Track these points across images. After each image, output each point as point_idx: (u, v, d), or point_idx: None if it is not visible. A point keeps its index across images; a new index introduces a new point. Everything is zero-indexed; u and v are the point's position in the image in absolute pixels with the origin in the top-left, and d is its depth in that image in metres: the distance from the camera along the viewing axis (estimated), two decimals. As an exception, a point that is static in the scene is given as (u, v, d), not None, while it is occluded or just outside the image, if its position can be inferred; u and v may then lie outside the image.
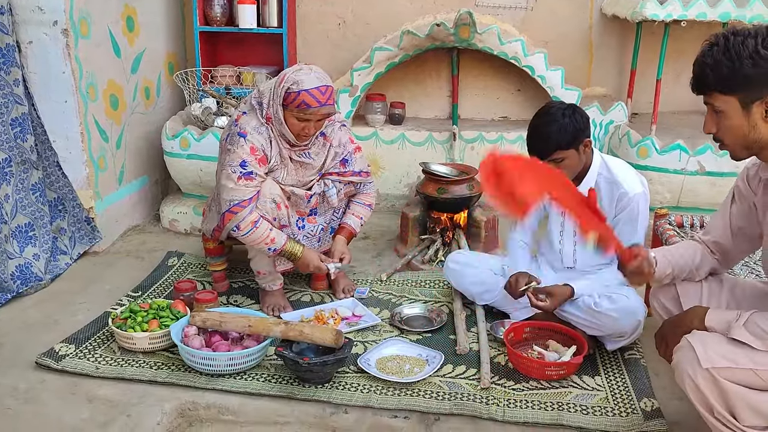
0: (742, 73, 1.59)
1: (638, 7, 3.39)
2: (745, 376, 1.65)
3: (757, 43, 1.57)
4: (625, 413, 2.20)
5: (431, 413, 2.23)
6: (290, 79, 2.56)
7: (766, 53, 1.56)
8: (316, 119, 2.60)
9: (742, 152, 1.72)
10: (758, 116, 1.63)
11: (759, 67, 1.57)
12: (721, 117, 1.68)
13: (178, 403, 2.29)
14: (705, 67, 1.66)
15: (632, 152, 3.53)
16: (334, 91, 2.63)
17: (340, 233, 2.93)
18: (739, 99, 1.63)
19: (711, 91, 1.67)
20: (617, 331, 2.43)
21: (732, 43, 1.60)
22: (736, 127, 1.67)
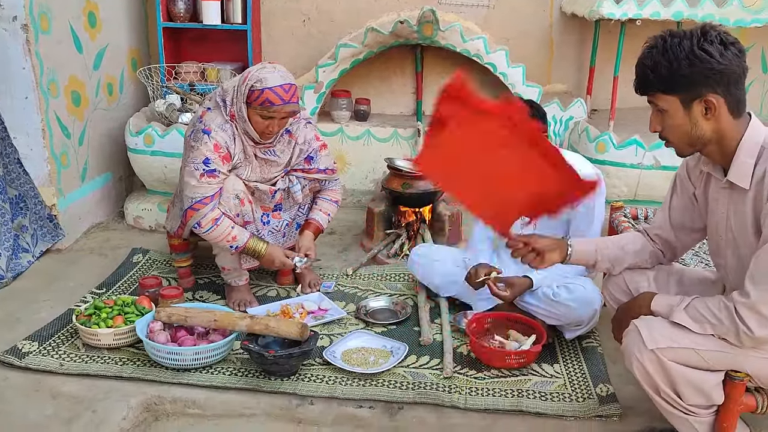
0: (680, 74, 1.66)
1: (595, 6, 3.49)
2: (687, 356, 1.74)
3: (692, 44, 1.64)
4: (582, 399, 2.28)
5: (395, 402, 2.28)
6: (254, 77, 2.58)
7: (701, 54, 1.63)
8: (280, 117, 2.63)
9: (687, 149, 1.80)
10: (698, 114, 1.70)
11: (695, 67, 1.64)
12: (664, 116, 1.76)
13: (144, 398, 2.30)
14: (646, 69, 1.73)
15: (591, 147, 3.63)
16: (297, 90, 2.66)
17: (307, 229, 2.96)
18: (679, 98, 1.70)
19: (653, 92, 1.75)
20: (574, 320, 2.52)
21: (669, 44, 1.67)
22: (679, 126, 1.74)
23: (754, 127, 1.72)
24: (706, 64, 1.63)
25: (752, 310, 1.65)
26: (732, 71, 1.65)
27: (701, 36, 1.65)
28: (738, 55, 1.65)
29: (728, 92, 1.67)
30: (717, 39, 1.64)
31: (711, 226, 1.92)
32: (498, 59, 3.85)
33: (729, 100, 1.68)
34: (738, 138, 1.72)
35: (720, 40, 1.64)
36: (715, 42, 1.63)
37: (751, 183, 1.71)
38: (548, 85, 4.30)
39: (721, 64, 1.63)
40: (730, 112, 1.69)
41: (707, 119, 1.70)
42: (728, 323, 1.69)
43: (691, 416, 1.82)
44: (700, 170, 1.91)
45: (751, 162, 1.71)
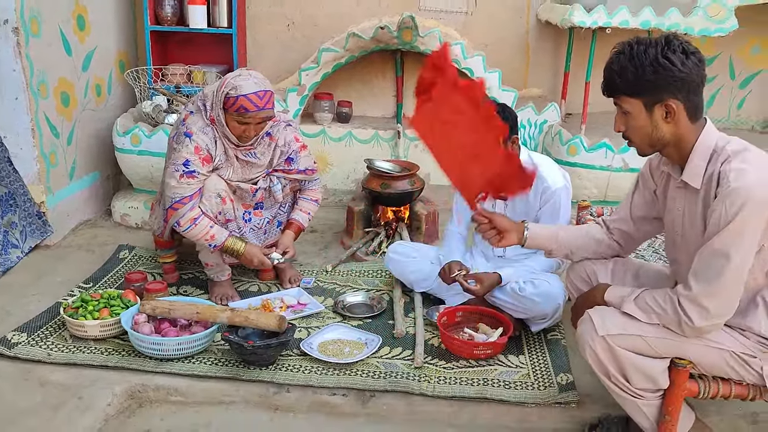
0: (644, 79, 1.79)
1: (567, 15, 3.64)
2: (635, 343, 1.87)
3: (657, 52, 1.77)
4: (543, 387, 2.42)
5: (367, 390, 2.41)
6: (229, 84, 2.69)
7: (664, 61, 1.76)
8: (255, 122, 2.73)
9: (647, 149, 1.93)
10: (659, 117, 1.83)
11: (658, 73, 1.77)
12: (628, 117, 1.88)
13: (128, 386, 2.41)
14: (613, 73, 1.85)
15: (563, 150, 3.78)
16: (273, 96, 2.75)
17: (289, 228, 3.07)
18: (642, 102, 1.83)
19: (619, 94, 1.87)
20: (539, 314, 2.65)
21: (636, 51, 1.79)
22: (641, 127, 1.87)
23: (708, 132, 1.85)
24: (668, 71, 1.75)
25: (694, 302, 1.79)
26: (692, 79, 1.77)
27: (665, 45, 1.77)
28: (698, 65, 1.78)
29: (687, 98, 1.80)
30: (680, 48, 1.77)
31: (668, 224, 2.05)
32: (475, 64, 3.99)
33: (688, 105, 1.80)
34: (693, 141, 1.84)
35: (682, 49, 1.77)
36: (677, 51, 1.76)
37: (702, 183, 1.84)
38: (525, 90, 4.44)
39: (682, 72, 1.75)
40: (688, 116, 1.82)
41: (667, 122, 1.83)
42: (672, 314, 1.83)
43: (639, 399, 1.96)
44: (661, 170, 2.04)
45: (703, 164, 1.83)
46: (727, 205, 1.69)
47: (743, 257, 1.72)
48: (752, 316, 1.86)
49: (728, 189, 1.70)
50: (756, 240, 1.72)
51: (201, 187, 2.79)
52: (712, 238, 1.73)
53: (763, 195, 1.67)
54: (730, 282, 1.74)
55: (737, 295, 1.77)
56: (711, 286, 1.75)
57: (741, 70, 4.48)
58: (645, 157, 1.99)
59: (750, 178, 1.68)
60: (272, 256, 2.93)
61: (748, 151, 1.77)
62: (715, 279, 1.74)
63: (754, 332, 1.86)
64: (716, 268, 1.73)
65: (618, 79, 1.83)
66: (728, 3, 3.57)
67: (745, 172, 1.70)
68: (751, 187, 1.68)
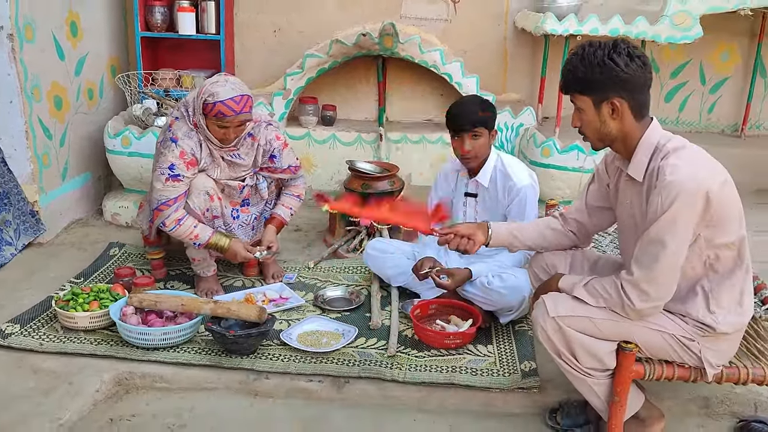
0: (593, 78, 1.94)
1: (540, 23, 3.80)
2: (583, 324, 2.02)
3: (604, 54, 1.93)
4: (508, 374, 2.57)
5: (342, 377, 2.55)
6: (207, 91, 2.82)
7: (609, 63, 1.92)
8: (234, 126, 2.87)
9: (598, 144, 2.08)
10: (606, 114, 1.99)
11: (605, 73, 1.92)
12: (581, 114, 2.04)
13: (116, 373, 2.55)
14: (567, 72, 2.01)
15: (537, 152, 3.94)
16: (250, 99, 2.88)
17: (271, 223, 3.20)
18: (591, 99, 1.98)
19: (572, 92, 2.03)
20: (506, 306, 2.80)
21: (586, 53, 1.96)
22: (591, 122, 2.02)
23: (653, 129, 2.00)
24: (613, 71, 1.91)
25: (635, 286, 1.94)
26: (635, 80, 1.93)
27: (612, 48, 1.93)
28: (642, 67, 1.93)
29: (632, 97, 1.95)
30: (625, 51, 1.92)
31: (619, 215, 2.20)
32: (453, 70, 4.15)
33: (632, 104, 1.96)
34: (639, 137, 1.99)
35: (627, 52, 1.92)
36: (622, 54, 1.92)
37: (645, 177, 1.99)
38: (503, 94, 4.61)
39: (626, 73, 1.91)
40: (632, 114, 1.97)
41: (613, 119, 1.98)
42: (616, 297, 1.98)
43: (589, 378, 2.10)
44: (615, 165, 2.19)
45: (646, 159, 1.98)
46: (663, 196, 1.85)
47: (678, 244, 1.87)
48: (691, 303, 2.01)
49: (664, 182, 1.85)
50: (690, 229, 1.87)
51: (186, 189, 2.93)
52: (650, 227, 1.89)
53: (693, 187, 1.83)
54: (666, 268, 1.89)
55: (674, 280, 1.92)
56: (650, 272, 1.90)
57: (711, 75, 4.66)
58: (597, 151, 2.14)
59: (683, 173, 1.84)
60: (256, 253, 3.07)
61: (684, 149, 1.92)
62: (653, 265, 1.89)
63: (692, 318, 2.01)
64: (654, 255, 1.89)
65: (571, 77, 1.99)
66: (693, 12, 3.74)
67: (679, 167, 1.85)
68: (683, 180, 1.83)
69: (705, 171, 1.88)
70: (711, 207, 1.86)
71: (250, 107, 2.89)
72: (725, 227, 1.92)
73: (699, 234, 1.92)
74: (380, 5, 4.47)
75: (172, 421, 2.40)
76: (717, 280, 1.99)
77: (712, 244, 1.94)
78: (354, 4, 4.49)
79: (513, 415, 2.47)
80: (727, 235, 1.93)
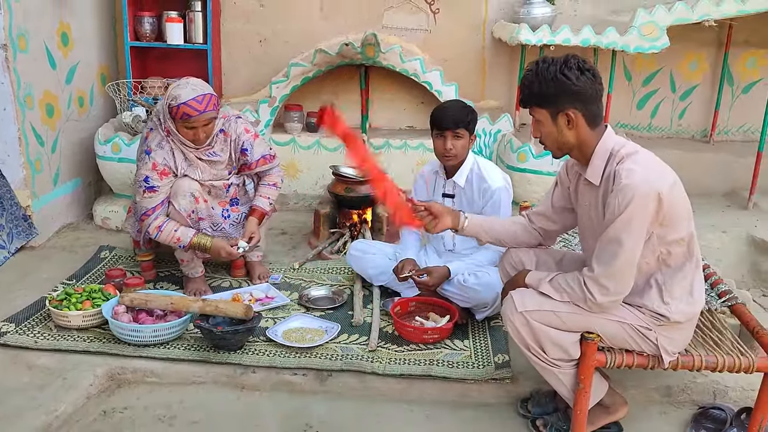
0: (548, 92, 2.09)
1: (515, 33, 3.97)
2: (549, 318, 2.17)
3: (557, 69, 2.08)
4: (482, 366, 2.71)
5: (325, 370, 2.68)
6: (170, 96, 2.93)
7: (561, 77, 2.07)
8: (202, 125, 2.97)
9: (557, 152, 2.24)
10: (563, 124, 2.14)
11: (558, 87, 2.07)
12: (540, 125, 2.19)
13: (108, 369, 2.67)
14: (524, 88, 2.17)
15: (513, 157, 4.10)
16: (213, 97, 2.96)
17: (252, 215, 3.26)
18: (548, 111, 2.13)
19: (530, 105, 2.18)
20: (481, 302, 2.95)
21: (541, 68, 2.10)
22: (549, 133, 2.18)
23: (607, 137, 2.15)
24: (565, 85, 2.06)
25: (596, 282, 2.09)
26: (586, 92, 2.07)
27: (563, 63, 2.08)
28: (592, 79, 2.08)
29: (585, 108, 2.10)
30: (575, 66, 2.07)
31: (579, 216, 2.35)
32: (433, 78, 4.31)
33: (586, 114, 2.11)
34: (594, 145, 2.15)
35: (578, 66, 2.07)
36: (573, 68, 2.06)
37: (601, 181, 2.14)
38: (482, 101, 4.77)
39: (577, 86, 2.06)
40: (587, 124, 2.12)
41: (569, 129, 2.13)
42: (579, 292, 2.13)
43: (556, 369, 2.25)
44: (574, 170, 2.34)
45: (602, 164, 2.14)
46: (619, 199, 2.00)
47: (634, 243, 2.02)
48: (647, 296, 2.16)
49: (620, 186, 2.00)
50: (644, 229, 2.02)
51: (166, 196, 3.05)
52: (608, 227, 2.04)
53: (646, 190, 1.98)
54: (624, 264, 2.04)
55: (631, 276, 2.08)
56: (609, 268, 2.05)
57: (681, 83, 4.85)
58: (557, 159, 2.29)
59: (637, 177, 1.99)
60: (239, 245, 3.14)
61: (638, 154, 2.08)
62: (612, 262, 2.04)
63: (648, 309, 2.16)
64: (612, 253, 2.04)
65: (528, 92, 2.14)
66: (660, 23, 3.92)
67: (634, 171, 2.00)
68: (637, 184, 1.98)
69: (656, 174, 2.03)
70: (662, 208, 2.01)
71: (215, 105, 2.97)
72: (676, 225, 2.08)
73: (652, 232, 2.07)
74: (363, 16, 4.62)
75: (162, 413, 2.52)
76: (669, 273, 2.15)
77: (664, 241, 2.09)
78: (337, 15, 4.65)
79: (487, 404, 2.61)
80: (677, 232, 2.09)
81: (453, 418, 2.54)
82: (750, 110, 4.83)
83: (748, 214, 4.15)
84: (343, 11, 4.64)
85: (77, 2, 4.07)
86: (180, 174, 3.07)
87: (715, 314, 2.52)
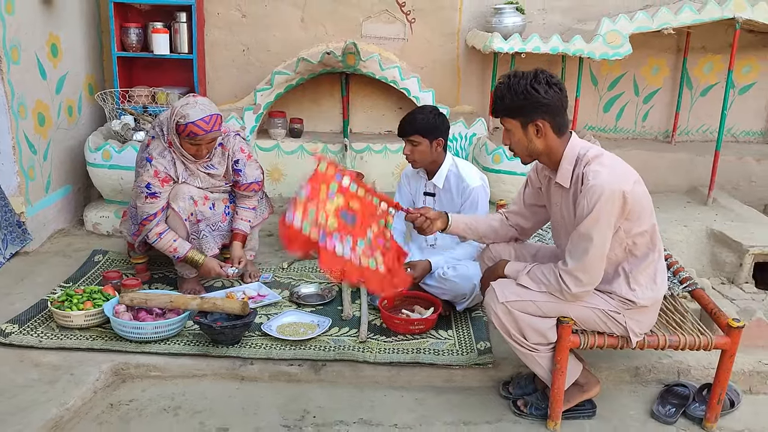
0: (518, 104, 2.28)
1: (488, 42, 4.20)
2: (528, 307, 2.38)
3: (527, 83, 2.27)
4: (466, 353, 2.91)
5: (319, 360, 2.86)
6: (179, 114, 3.09)
7: (531, 90, 2.25)
8: (206, 142, 3.16)
9: (527, 159, 2.43)
10: (532, 134, 2.33)
11: (528, 100, 2.26)
12: (510, 134, 2.38)
13: (113, 364, 2.80)
14: (497, 100, 2.35)
15: (488, 159, 4.32)
16: (219, 117, 3.15)
17: (235, 239, 3.47)
18: (519, 122, 2.32)
19: (501, 115, 2.37)
20: (460, 293, 3.15)
21: (512, 82, 2.29)
22: (519, 141, 2.37)
23: (573, 143, 2.35)
24: (534, 98, 2.25)
25: (570, 274, 2.30)
26: (554, 104, 2.27)
27: (533, 78, 2.27)
28: (558, 93, 2.28)
29: (552, 119, 2.30)
30: (544, 80, 2.27)
31: (552, 216, 2.57)
32: (411, 85, 4.52)
33: (553, 124, 2.30)
34: (562, 151, 2.35)
35: (546, 81, 2.27)
36: (542, 83, 2.26)
37: (571, 183, 2.35)
38: (457, 106, 4.99)
39: (546, 99, 2.25)
40: (554, 132, 2.32)
41: (538, 137, 2.33)
42: (555, 284, 2.34)
43: (535, 353, 2.46)
44: (544, 174, 2.55)
45: (570, 167, 2.34)
46: (588, 198, 2.21)
47: (603, 238, 2.24)
48: (616, 283, 2.39)
49: (588, 186, 2.21)
50: (611, 224, 2.24)
51: (165, 202, 3.20)
52: (579, 225, 2.25)
53: (612, 189, 2.19)
54: (595, 258, 2.25)
55: (601, 268, 2.29)
56: (581, 262, 2.27)
57: (644, 87, 5.13)
58: (525, 165, 2.47)
59: (602, 177, 2.20)
60: (228, 270, 3.35)
61: (603, 156, 2.30)
62: (583, 257, 2.25)
63: (617, 295, 2.38)
64: (584, 248, 2.25)
65: (500, 104, 2.33)
66: (623, 31, 4.18)
67: (600, 172, 2.21)
68: (603, 184, 2.19)
69: (620, 174, 2.25)
70: (627, 204, 2.23)
71: (220, 125, 3.16)
72: (640, 219, 2.30)
73: (619, 226, 2.28)
74: (342, 26, 4.82)
75: (167, 404, 2.67)
76: (635, 262, 2.37)
77: (629, 234, 2.31)
78: (317, 25, 4.83)
79: (471, 388, 2.82)
80: (641, 225, 2.31)
81: (440, 401, 2.73)
82: (708, 112, 5.15)
83: (708, 209, 4.42)
84: (322, 21, 4.82)
85: (65, 15, 4.19)
86: (180, 182, 3.23)
87: (677, 299, 2.76)
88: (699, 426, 2.61)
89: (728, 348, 2.47)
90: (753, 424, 2.65)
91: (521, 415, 2.63)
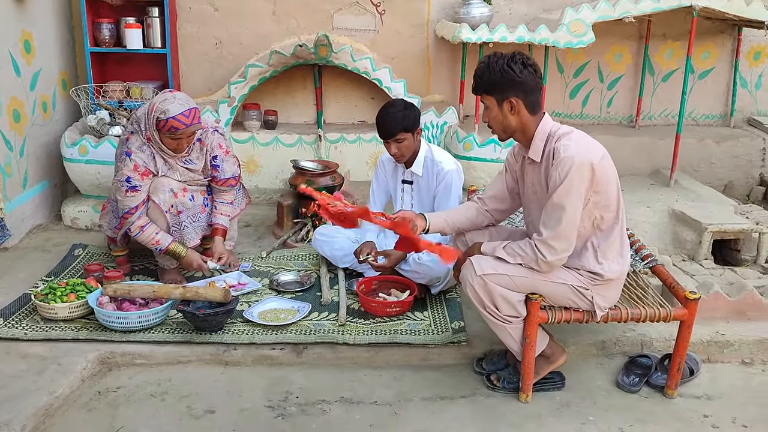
0: (494, 81, 2.44)
1: (456, 32, 4.31)
2: (503, 280, 2.50)
3: (504, 62, 2.43)
4: (441, 332, 3.04)
5: (300, 344, 2.96)
6: (158, 109, 3.15)
7: (508, 69, 2.41)
8: (187, 136, 3.23)
9: (503, 135, 2.58)
10: (507, 111, 2.48)
11: (504, 78, 2.42)
12: (488, 110, 2.53)
13: (98, 354, 2.88)
14: (476, 78, 2.51)
15: (460, 146, 4.44)
16: (198, 111, 3.22)
17: (216, 234, 3.55)
18: (495, 99, 2.48)
19: (481, 93, 2.52)
20: (434, 276, 3.28)
21: (491, 61, 2.46)
22: (495, 118, 2.52)
23: (545, 121, 2.51)
24: (510, 76, 2.41)
25: (545, 243, 2.44)
26: (527, 83, 2.43)
27: (510, 58, 2.44)
28: (533, 73, 2.44)
29: (526, 97, 2.45)
30: (519, 61, 2.43)
31: (524, 192, 2.70)
32: (383, 75, 4.61)
33: (526, 102, 2.46)
34: (534, 128, 2.50)
35: (522, 62, 2.43)
36: (518, 63, 2.42)
37: (542, 158, 2.50)
38: (428, 96, 5.11)
39: (520, 78, 2.41)
40: (527, 110, 2.47)
41: (512, 114, 2.48)
42: (531, 254, 2.47)
43: (508, 324, 2.59)
44: (520, 153, 2.69)
45: (542, 144, 2.49)
46: (559, 170, 2.36)
47: (574, 206, 2.38)
48: (585, 258, 2.53)
49: (559, 159, 2.36)
50: (582, 194, 2.38)
51: (146, 195, 3.27)
52: (552, 195, 2.39)
53: (581, 161, 2.34)
54: (567, 226, 2.40)
55: (574, 236, 2.43)
56: (555, 231, 2.41)
57: (608, 74, 5.30)
58: (503, 141, 2.64)
59: (572, 150, 2.36)
60: (209, 265, 3.43)
61: (572, 133, 2.45)
62: (557, 226, 2.40)
63: (586, 269, 2.53)
64: (557, 217, 2.40)
65: (479, 81, 2.50)
66: (586, 20, 4.32)
67: (569, 146, 2.37)
68: (573, 156, 2.35)
69: (588, 148, 2.41)
70: (595, 176, 2.39)
71: (198, 118, 3.24)
72: (607, 192, 2.45)
73: (588, 199, 2.43)
74: (314, 18, 4.89)
75: (154, 390, 2.75)
76: (602, 237, 2.52)
77: (598, 207, 2.46)
78: (288, 18, 4.90)
79: (447, 365, 2.95)
80: (608, 198, 2.46)
81: (417, 378, 2.86)
82: (669, 97, 5.33)
83: (670, 190, 4.60)
84: (294, 14, 4.89)
85: (37, 11, 4.20)
86: (159, 175, 3.30)
87: (639, 275, 2.92)
88: (661, 393, 2.77)
89: (686, 319, 2.63)
90: (711, 391, 2.83)
91: (494, 389, 2.77)
